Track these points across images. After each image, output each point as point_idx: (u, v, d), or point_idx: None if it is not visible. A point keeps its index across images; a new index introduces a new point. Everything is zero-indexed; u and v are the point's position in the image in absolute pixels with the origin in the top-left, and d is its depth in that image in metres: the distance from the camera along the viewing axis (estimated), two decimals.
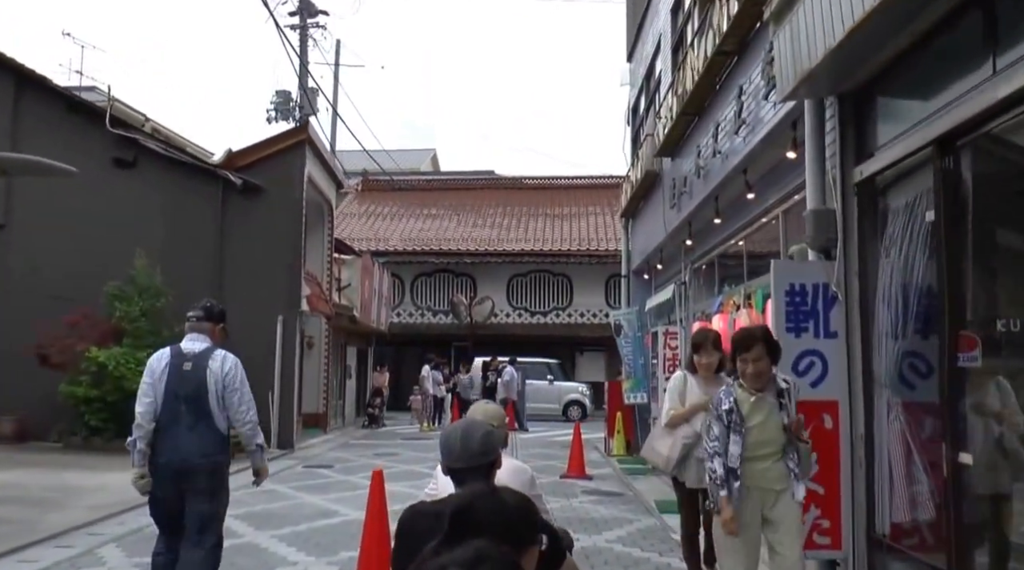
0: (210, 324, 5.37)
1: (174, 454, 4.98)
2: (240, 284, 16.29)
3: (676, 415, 6.09)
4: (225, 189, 16.50)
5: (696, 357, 6.15)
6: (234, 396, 5.09)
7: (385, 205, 33.03)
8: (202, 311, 5.38)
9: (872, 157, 5.56)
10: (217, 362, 5.12)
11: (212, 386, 5.04)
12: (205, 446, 5.01)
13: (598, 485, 11.98)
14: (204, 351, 5.17)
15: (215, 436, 5.07)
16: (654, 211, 14.07)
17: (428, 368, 22.48)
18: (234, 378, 5.11)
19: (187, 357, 5.12)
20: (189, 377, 5.05)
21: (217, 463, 5.09)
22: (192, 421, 5.01)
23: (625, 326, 16.50)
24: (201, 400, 5.02)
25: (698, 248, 12.14)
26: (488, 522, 1.97)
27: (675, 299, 13.50)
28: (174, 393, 5.02)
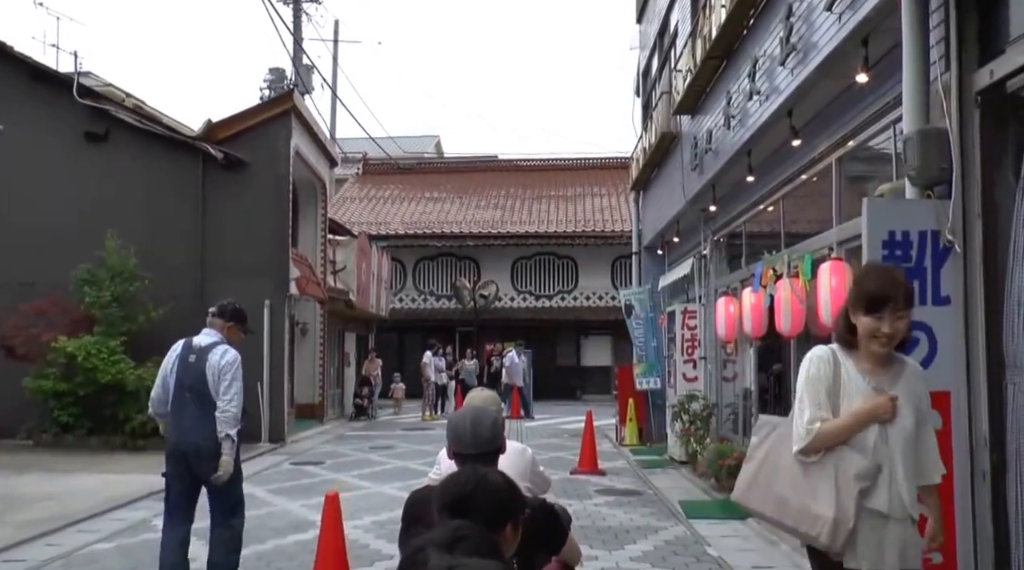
0: (221, 321, 5.64)
1: (183, 437, 5.33)
2: (223, 266, 14.69)
3: (828, 432, 3.00)
4: (206, 164, 14.85)
5: (866, 320, 3.00)
6: (223, 384, 5.31)
7: (386, 189, 31.35)
8: (216, 308, 5.75)
9: (1004, 54, 3.89)
10: (216, 356, 5.40)
11: (210, 376, 5.32)
12: (206, 429, 5.24)
13: (613, 482, 10.35)
14: (209, 345, 5.46)
15: (215, 419, 5.27)
16: (670, 178, 12.39)
17: (430, 354, 20.82)
18: (227, 370, 5.35)
19: (194, 350, 5.46)
20: (193, 368, 5.38)
21: (219, 445, 5.25)
22: (197, 408, 5.30)
23: (636, 306, 14.87)
24: (202, 389, 5.32)
25: (722, 215, 10.47)
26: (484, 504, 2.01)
27: (694, 274, 11.83)
28: (181, 382, 5.39)
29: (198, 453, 5.26)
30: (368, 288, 20.62)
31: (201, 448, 5.25)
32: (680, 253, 13.43)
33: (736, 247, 10.55)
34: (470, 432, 2.91)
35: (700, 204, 10.91)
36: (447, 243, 27.24)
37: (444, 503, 2.05)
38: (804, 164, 7.48)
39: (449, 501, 2.04)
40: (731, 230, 10.42)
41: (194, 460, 5.29)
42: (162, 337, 14.69)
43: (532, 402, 20.97)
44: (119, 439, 13.27)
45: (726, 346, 10.49)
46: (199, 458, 5.27)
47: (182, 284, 14.46)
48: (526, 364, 20.66)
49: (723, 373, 11.09)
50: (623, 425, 14.27)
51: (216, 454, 5.20)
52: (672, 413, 11.05)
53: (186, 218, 14.77)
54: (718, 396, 11.02)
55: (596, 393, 26.06)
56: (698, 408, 10.88)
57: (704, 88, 9.77)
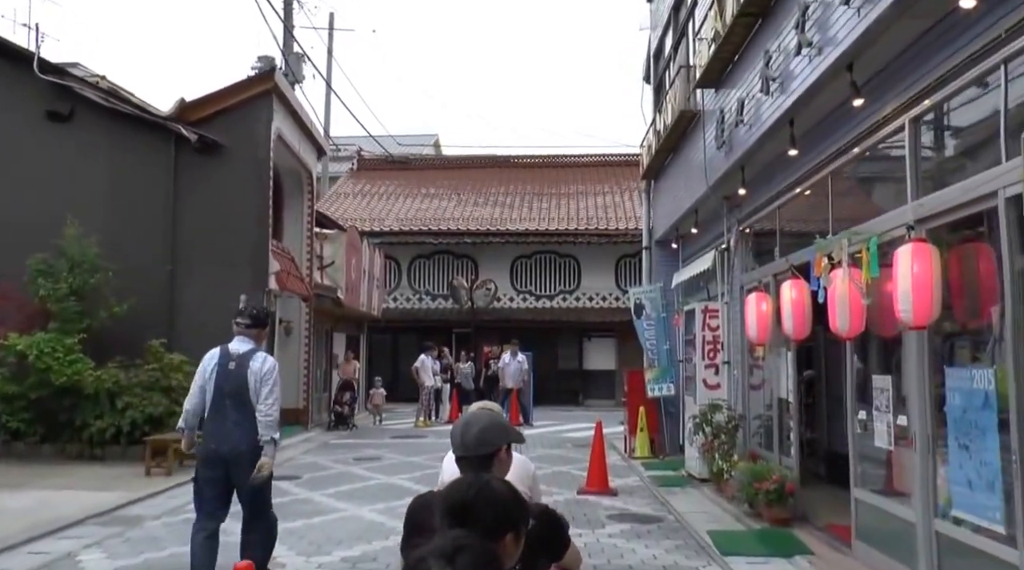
0: (256, 330, 5.75)
1: (223, 442, 5.38)
2: (196, 258, 13.44)
3: None
4: (178, 147, 13.56)
5: None
6: (264, 388, 5.43)
7: (381, 184, 30.02)
8: (249, 319, 5.74)
9: None
10: (258, 363, 5.52)
11: (252, 383, 5.43)
12: (248, 434, 5.36)
13: (627, 504, 9.05)
14: (248, 352, 5.57)
15: (255, 428, 5.38)
16: (688, 163, 11.09)
17: (425, 357, 19.49)
18: (269, 375, 5.49)
19: (232, 357, 5.54)
20: (234, 375, 5.46)
21: (258, 451, 5.36)
22: (237, 414, 5.40)
23: (647, 306, 13.57)
24: (243, 395, 5.41)
25: (751, 200, 9.17)
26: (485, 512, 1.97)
27: (715, 269, 10.53)
28: (221, 389, 5.46)
29: (239, 458, 5.35)
30: (358, 285, 19.30)
31: (242, 453, 5.34)
32: (698, 247, 12.13)
33: (767, 237, 9.25)
34: (459, 434, 2.84)
35: (725, 189, 9.62)
36: (443, 240, 25.91)
37: (444, 509, 2.02)
38: (864, 130, 6.18)
39: (449, 507, 2.02)
40: (762, 217, 9.12)
41: (234, 465, 5.37)
42: (126, 335, 13.52)
43: (532, 408, 19.64)
44: (75, 447, 11.97)
45: (755, 349, 9.18)
46: (239, 463, 5.35)
47: (150, 277, 13.19)
48: (526, 366, 19.22)
49: (750, 380, 9.79)
50: (633, 435, 12.96)
51: (254, 459, 5.32)
52: (693, 425, 9.75)
53: (156, 205, 13.48)
54: (745, 406, 9.71)
55: (599, 398, 24.77)
56: (722, 420, 9.58)
57: (733, 54, 8.49)
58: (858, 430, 6.58)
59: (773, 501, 7.63)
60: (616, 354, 25.26)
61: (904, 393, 5.72)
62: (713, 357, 10.39)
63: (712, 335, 10.41)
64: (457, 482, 2.16)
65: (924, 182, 5.48)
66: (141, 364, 12.46)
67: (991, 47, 4.53)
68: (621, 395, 23.19)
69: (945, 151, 5.74)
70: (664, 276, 13.66)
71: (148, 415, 11.99)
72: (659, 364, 13.32)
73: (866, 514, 6.30)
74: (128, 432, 11.90)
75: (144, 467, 10.88)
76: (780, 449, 8.49)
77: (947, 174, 5.39)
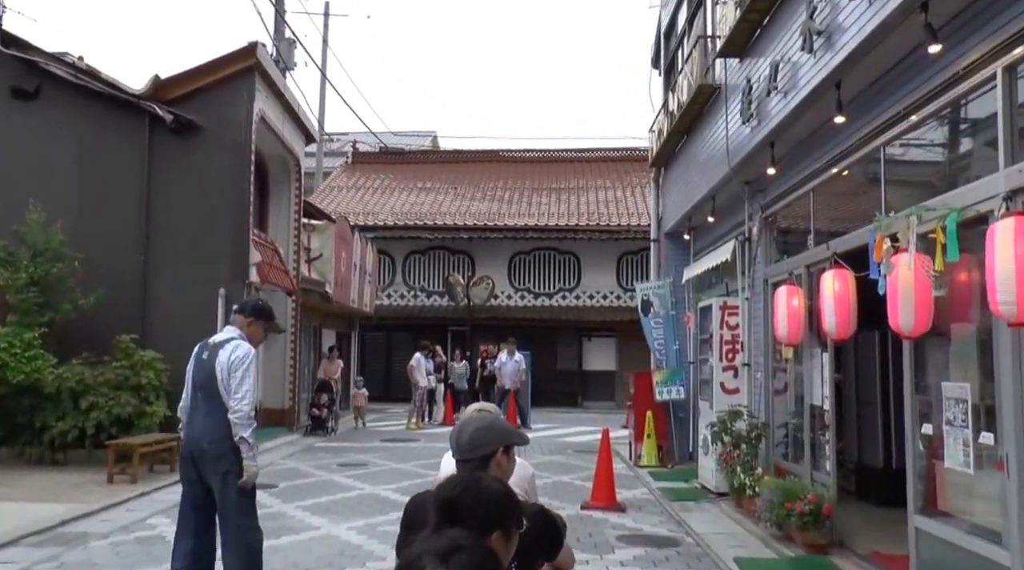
0: (241, 318, 5.07)
1: (190, 439, 4.93)
2: (171, 247, 12.36)
3: None
4: (153, 128, 12.46)
5: None
6: (234, 381, 4.81)
7: (376, 178, 28.91)
8: (238, 305, 5.28)
9: None
10: (227, 351, 4.87)
11: (219, 373, 4.83)
12: (214, 431, 4.80)
13: (637, 522, 7.96)
14: (222, 341, 4.96)
15: (223, 423, 4.78)
16: (704, 145, 10.02)
17: (419, 356, 18.37)
18: (238, 365, 4.83)
19: (207, 347, 4.98)
20: (205, 365, 4.91)
21: (224, 448, 4.77)
22: (206, 407, 4.88)
23: (655, 303, 12.51)
24: (211, 386, 4.85)
25: (781, 181, 8.10)
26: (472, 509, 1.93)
27: (735, 261, 9.46)
28: (194, 381, 5.00)
29: (203, 456, 4.83)
30: (348, 280, 18.20)
31: (206, 451, 4.81)
32: (713, 238, 11.06)
33: (798, 224, 8.18)
34: (455, 436, 2.77)
35: (748, 171, 8.55)
36: (439, 235, 24.81)
37: (433, 506, 1.99)
38: (937, 86, 5.11)
39: (437, 505, 1.97)
40: (792, 200, 8.03)
41: (200, 464, 4.84)
42: (92, 329, 12.35)
43: (530, 410, 18.55)
44: (36, 451, 10.89)
45: (783, 349, 8.10)
46: (204, 461, 4.83)
47: (120, 268, 12.11)
48: (523, 366, 18.06)
49: (773, 383, 8.71)
50: (639, 442, 11.88)
51: (220, 459, 4.77)
52: (711, 433, 8.66)
53: (128, 190, 12.39)
54: (768, 413, 8.64)
55: (599, 400, 23.71)
56: (743, 428, 8.50)
57: (764, 15, 7.42)
58: (920, 447, 5.50)
59: (808, 524, 6.56)
60: (617, 355, 24.20)
61: (989, 404, 4.64)
62: (732, 358, 9.32)
63: (731, 334, 9.33)
64: (447, 480, 2.10)
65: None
66: (109, 361, 11.38)
67: None
68: (623, 397, 22.18)
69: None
70: (674, 271, 12.59)
71: (115, 416, 10.93)
72: (667, 365, 12.26)
73: (932, 548, 5.22)
74: (93, 435, 10.83)
75: (107, 474, 9.82)
76: (812, 463, 7.41)
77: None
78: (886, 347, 8.25)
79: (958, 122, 5.34)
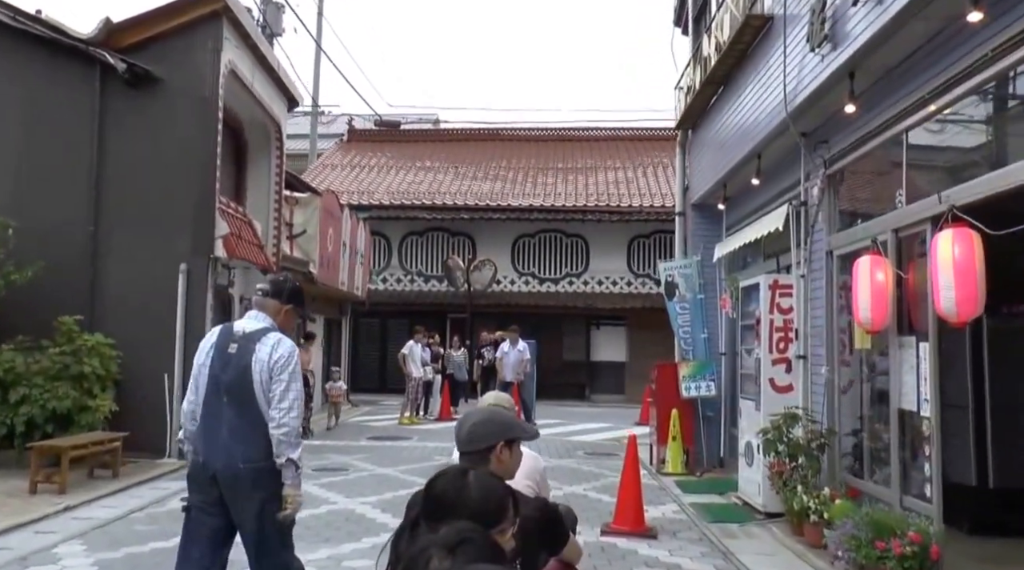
0: (275, 303, 3.97)
1: (214, 456, 3.74)
2: (125, 216, 10.76)
3: None
4: (104, 79, 10.79)
5: None
6: (278, 388, 3.75)
7: (373, 156, 27.16)
8: (269, 285, 4.06)
9: None
10: (267, 346, 3.80)
11: (257, 374, 3.76)
12: (250, 448, 3.72)
13: (674, 554, 6.26)
14: (255, 332, 3.85)
15: (262, 436, 3.74)
16: (749, 91, 8.28)
17: (412, 344, 16.66)
18: (283, 366, 3.78)
19: (235, 338, 3.85)
20: (234, 362, 3.80)
21: (264, 470, 3.72)
22: (236, 417, 3.75)
23: (681, 284, 10.82)
24: (245, 391, 3.76)
25: (858, 125, 6.38)
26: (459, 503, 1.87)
27: (790, 229, 7.73)
28: (216, 380, 3.81)
29: (234, 481, 3.70)
30: (336, 260, 16.50)
31: (240, 475, 3.69)
32: (753, 206, 9.34)
33: (880, 178, 6.47)
34: (456, 428, 2.74)
35: (813, 114, 6.84)
36: (438, 216, 23.06)
37: (425, 499, 1.94)
38: None
39: (429, 498, 1.93)
40: (873, 147, 6.30)
41: (228, 490, 3.70)
42: (29, 310, 10.38)
43: (535, 404, 16.83)
44: None
45: (858, 337, 6.39)
46: (235, 489, 3.70)
47: (65, 239, 10.52)
48: (527, 356, 16.18)
49: (839, 380, 7.01)
50: (663, 444, 10.20)
51: (257, 485, 3.69)
52: (762, 441, 6.94)
53: (76, 150, 10.74)
54: (833, 417, 6.93)
55: (608, 393, 22.03)
56: (802, 435, 6.81)
57: None
58: None
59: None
60: (627, 345, 22.52)
61: None
62: (784, 349, 7.60)
63: (783, 319, 7.62)
64: (441, 473, 2.03)
65: None
66: (49, 346, 9.74)
67: None
68: (634, 391, 20.55)
69: None
70: (702, 248, 10.86)
71: (51, 411, 9.31)
72: (694, 356, 10.57)
73: None
74: (24, 433, 9.20)
75: (29, 482, 8.16)
76: (902, 485, 5.71)
77: None
78: (979, 336, 6.51)
79: None
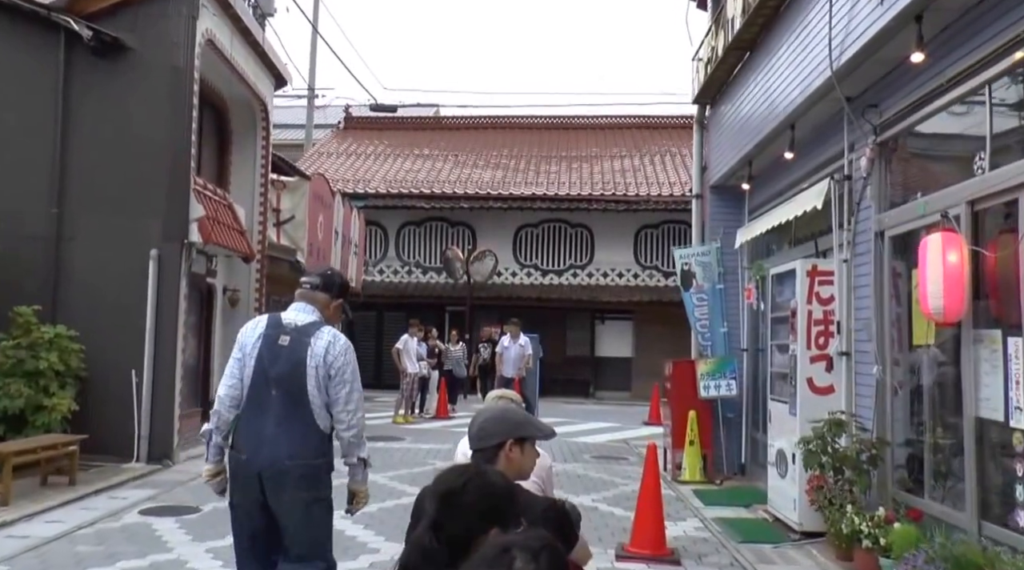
0: (326, 297, 3.88)
1: (257, 452, 3.59)
2: (91, 197, 9.90)
3: None
4: (69, 48, 9.87)
5: None
6: (341, 389, 3.66)
7: (370, 144, 26.18)
8: (319, 279, 3.94)
9: None
10: (323, 341, 3.68)
11: (314, 370, 3.64)
12: (298, 445, 3.59)
13: None
14: (308, 325, 3.72)
15: (312, 433, 3.64)
16: (782, 53, 7.31)
17: (407, 337, 15.71)
18: (344, 365, 3.68)
19: (286, 329, 3.70)
20: (286, 355, 3.65)
21: (313, 468, 3.62)
22: (284, 412, 3.62)
23: (698, 273, 9.88)
24: (297, 385, 3.63)
25: (921, 81, 5.42)
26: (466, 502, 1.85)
27: (831, 208, 6.76)
28: (265, 373, 3.65)
29: (280, 479, 3.54)
30: (327, 249, 15.55)
31: (288, 471, 3.55)
32: (782, 186, 8.38)
33: (951, 141, 5.51)
34: (470, 425, 2.70)
35: (864, 72, 5.88)
36: (437, 205, 22.09)
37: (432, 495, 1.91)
38: None
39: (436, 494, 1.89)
40: (943, 105, 5.33)
41: (272, 488, 3.55)
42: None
43: (538, 401, 15.86)
44: None
45: (928, 330, 5.43)
46: (281, 485, 3.55)
47: (25, 221, 9.66)
48: (529, 351, 15.14)
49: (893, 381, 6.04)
50: (678, 449, 9.24)
51: (306, 481, 3.58)
52: (805, 452, 5.98)
53: (38, 126, 9.85)
54: (884, 424, 5.97)
55: (613, 390, 21.08)
56: (849, 445, 5.86)
57: None
58: None
59: None
60: (633, 340, 21.58)
61: None
62: (824, 345, 6.64)
63: (823, 310, 6.66)
64: (447, 470, 2.01)
65: None
66: (3, 339, 8.83)
67: None
68: (641, 388, 19.58)
69: None
70: (722, 233, 9.90)
71: (1, 411, 8.40)
72: (714, 353, 9.62)
73: None
74: None
75: None
76: (979, 510, 4.75)
77: None
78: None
79: None
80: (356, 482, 3.84)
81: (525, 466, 2.61)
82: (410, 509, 2.38)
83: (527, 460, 2.62)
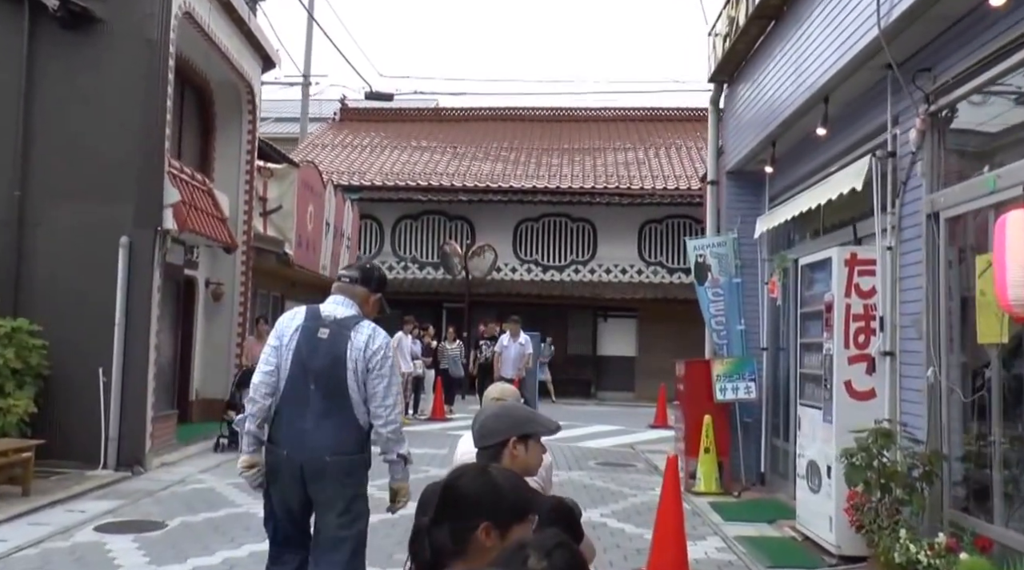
0: (364, 290, 3.83)
1: (297, 446, 3.57)
2: (57, 180, 9.18)
3: None
4: (34, 19, 9.16)
5: None
6: (380, 384, 3.64)
7: (366, 136, 25.40)
8: (358, 272, 3.90)
9: None
10: (363, 335, 3.66)
11: (353, 364, 3.62)
12: (337, 439, 3.58)
13: None
14: (348, 319, 3.71)
15: (352, 428, 3.63)
16: (815, 15, 6.54)
17: (401, 335, 14.93)
18: (382, 359, 3.66)
19: (325, 322, 3.68)
20: (325, 348, 3.63)
21: (353, 463, 3.61)
22: (323, 406, 3.60)
23: (714, 266, 9.14)
24: (336, 379, 3.61)
25: (988, 36, 4.65)
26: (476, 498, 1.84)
27: (872, 188, 5.99)
28: (303, 366, 3.62)
29: (320, 473, 3.54)
30: (317, 241, 14.77)
31: (328, 466, 3.53)
32: (811, 167, 7.61)
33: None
34: (472, 424, 2.71)
35: (920, 28, 5.11)
36: (434, 198, 21.31)
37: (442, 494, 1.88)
38: None
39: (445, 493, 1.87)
40: (1012, 66, 4.57)
41: (313, 481, 3.55)
42: None
43: (538, 401, 15.11)
44: None
45: (1003, 323, 4.66)
46: (321, 478, 3.54)
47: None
48: (529, 350, 14.37)
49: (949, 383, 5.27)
50: (692, 456, 8.47)
51: (347, 477, 3.57)
52: (848, 467, 5.21)
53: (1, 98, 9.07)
54: (939, 436, 5.20)
55: (616, 390, 20.34)
56: (898, 460, 5.09)
57: None
58: None
59: None
60: (637, 338, 20.84)
61: None
62: (864, 343, 5.88)
63: (862, 304, 5.90)
64: (458, 468, 2.00)
65: None
66: None
67: None
68: (645, 388, 18.83)
69: None
70: (739, 222, 9.12)
71: None
72: (731, 352, 8.86)
73: None
74: None
75: None
76: None
77: None
78: None
79: None
80: (396, 479, 3.77)
81: (531, 463, 2.59)
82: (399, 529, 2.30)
83: (532, 457, 2.60)
